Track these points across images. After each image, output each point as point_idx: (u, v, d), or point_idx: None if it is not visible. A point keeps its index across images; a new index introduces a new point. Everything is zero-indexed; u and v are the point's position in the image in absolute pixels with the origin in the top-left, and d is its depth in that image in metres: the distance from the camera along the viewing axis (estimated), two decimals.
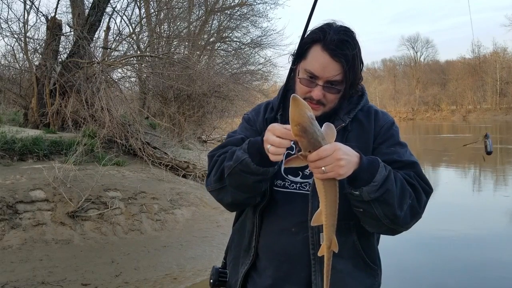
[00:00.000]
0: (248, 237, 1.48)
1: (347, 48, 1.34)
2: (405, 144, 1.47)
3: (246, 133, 1.51)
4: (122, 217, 5.65)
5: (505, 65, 61.60)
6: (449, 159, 15.90)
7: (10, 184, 5.49)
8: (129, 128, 8.08)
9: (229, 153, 1.36)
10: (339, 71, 1.35)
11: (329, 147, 1.16)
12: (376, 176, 1.23)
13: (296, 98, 1.16)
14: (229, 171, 1.32)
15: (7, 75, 10.55)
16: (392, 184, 1.26)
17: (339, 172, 1.17)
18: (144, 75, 12.02)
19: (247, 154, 1.28)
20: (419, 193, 1.33)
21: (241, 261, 1.50)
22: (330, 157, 1.15)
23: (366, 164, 1.24)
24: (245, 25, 19.39)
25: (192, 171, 8.34)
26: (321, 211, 1.23)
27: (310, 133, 1.15)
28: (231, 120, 17.85)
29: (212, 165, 1.44)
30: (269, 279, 1.43)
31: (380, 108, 1.58)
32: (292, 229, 1.39)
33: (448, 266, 5.11)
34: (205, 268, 4.84)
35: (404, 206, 1.29)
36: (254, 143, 1.30)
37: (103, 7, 9.17)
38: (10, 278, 4.08)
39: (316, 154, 1.15)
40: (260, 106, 1.61)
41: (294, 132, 1.16)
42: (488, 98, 63.03)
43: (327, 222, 1.22)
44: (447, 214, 7.19)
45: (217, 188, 1.41)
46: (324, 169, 1.16)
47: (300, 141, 1.17)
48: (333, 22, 1.40)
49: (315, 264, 1.36)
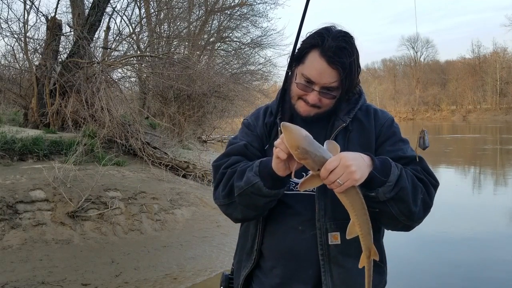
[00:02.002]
0: (251, 241, 1.48)
1: (345, 55, 1.34)
2: (406, 140, 1.48)
3: (248, 139, 1.50)
4: (122, 217, 5.65)
5: (505, 65, 61.63)
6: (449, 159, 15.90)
7: (10, 184, 5.48)
8: (129, 128, 8.07)
9: (238, 171, 1.36)
10: (336, 78, 1.36)
11: (334, 158, 1.17)
12: (390, 176, 1.25)
13: (286, 125, 1.19)
14: (240, 191, 1.33)
15: (7, 75, 10.53)
16: (405, 181, 1.28)
17: (354, 178, 1.17)
18: (144, 75, 12.02)
19: (258, 177, 1.29)
20: (428, 187, 1.36)
21: (243, 264, 1.51)
22: (339, 167, 1.16)
23: (379, 165, 1.25)
24: (245, 25, 19.42)
25: (192, 171, 8.34)
26: (353, 222, 1.22)
27: (311, 152, 1.16)
28: (231, 120, 17.87)
29: (219, 178, 1.43)
30: (276, 278, 1.43)
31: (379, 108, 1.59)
32: (299, 228, 1.40)
33: (448, 266, 5.11)
34: (205, 268, 4.84)
35: (418, 201, 1.31)
36: (265, 165, 1.30)
37: (103, 7, 9.16)
38: (10, 278, 4.08)
39: (324, 169, 1.16)
40: (259, 111, 1.61)
41: (297, 156, 1.16)
42: (488, 98, 63.04)
43: (362, 231, 1.22)
44: (447, 214, 7.18)
45: (225, 204, 1.41)
46: (339, 181, 1.16)
47: (305, 163, 1.17)
48: (332, 26, 1.40)
49: (324, 265, 1.37)
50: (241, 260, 1.53)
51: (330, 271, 1.36)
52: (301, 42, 1.43)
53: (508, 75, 61.27)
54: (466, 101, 65.60)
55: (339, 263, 1.37)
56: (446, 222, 6.63)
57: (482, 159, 16.21)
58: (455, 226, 6.71)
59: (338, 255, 1.37)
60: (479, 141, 24.15)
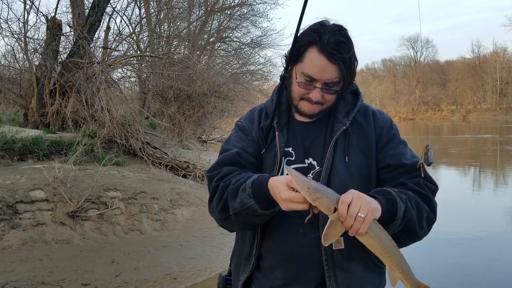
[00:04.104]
0: (249, 245, 1.46)
1: (344, 50, 1.33)
2: (405, 142, 1.48)
3: (242, 144, 1.47)
4: (122, 217, 5.65)
5: (505, 65, 61.61)
6: (449, 160, 15.90)
7: (10, 184, 5.48)
8: (129, 128, 8.07)
9: (231, 189, 1.34)
10: (337, 74, 1.35)
11: (347, 192, 1.17)
12: (397, 214, 1.25)
13: (291, 170, 1.15)
14: (235, 212, 1.32)
15: (7, 75, 10.53)
16: (411, 213, 1.29)
17: (373, 207, 1.17)
18: (144, 75, 12.02)
19: (253, 199, 1.27)
20: (430, 201, 1.37)
21: (241, 268, 1.50)
22: (355, 198, 1.15)
23: (386, 205, 1.24)
24: (245, 25, 19.43)
25: (192, 171, 8.34)
26: (390, 266, 1.18)
27: (323, 190, 1.14)
28: (231, 120, 17.85)
29: (212, 192, 1.43)
30: (278, 280, 1.42)
31: (380, 108, 1.58)
32: (300, 230, 1.38)
33: (448, 266, 5.11)
34: (205, 268, 4.84)
35: (423, 224, 1.33)
36: (259, 187, 1.27)
37: (103, 7, 9.16)
38: (10, 278, 4.08)
39: (342, 203, 1.14)
40: (253, 113, 1.56)
41: (310, 197, 1.12)
42: (488, 98, 63.03)
43: (403, 273, 1.18)
44: (447, 214, 7.18)
45: (221, 218, 1.41)
46: (362, 215, 1.13)
47: (319, 203, 1.13)
48: (325, 21, 1.38)
49: (328, 270, 1.36)
50: (239, 264, 1.51)
51: (335, 275, 1.36)
52: (296, 40, 1.40)
53: (508, 75, 61.25)
54: (466, 101, 65.59)
55: (343, 267, 1.36)
56: (446, 222, 6.63)
57: (482, 159, 16.22)
58: (455, 226, 6.71)
59: (342, 260, 1.36)
60: (480, 141, 24.16)
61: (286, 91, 1.48)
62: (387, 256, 1.17)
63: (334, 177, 1.37)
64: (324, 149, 1.41)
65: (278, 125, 1.46)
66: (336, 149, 1.40)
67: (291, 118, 1.48)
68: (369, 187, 1.38)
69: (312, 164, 1.42)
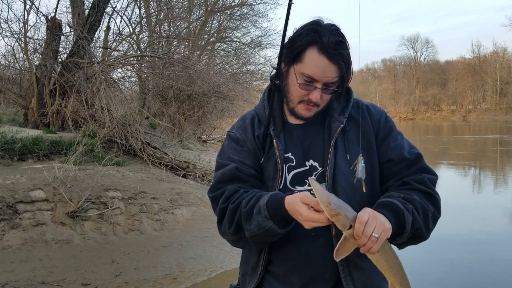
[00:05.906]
0: (257, 254, 1.44)
1: (343, 49, 1.33)
2: (401, 133, 1.49)
3: (239, 156, 1.43)
4: (122, 217, 5.65)
5: (505, 65, 61.64)
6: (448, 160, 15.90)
7: (10, 184, 5.48)
8: (129, 128, 8.07)
9: (244, 213, 1.32)
10: (337, 73, 1.35)
11: (363, 211, 1.18)
12: (406, 227, 1.27)
13: (315, 184, 1.15)
14: (253, 234, 1.31)
15: (7, 75, 10.54)
16: (419, 221, 1.30)
17: (387, 228, 1.19)
18: (144, 75, 12.03)
19: (271, 221, 1.27)
20: (435, 199, 1.38)
21: (248, 279, 1.47)
22: (371, 218, 1.16)
23: (394, 221, 1.25)
24: (245, 25, 19.46)
25: (192, 171, 8.34)
26: (392, 283, 1.21)
27: (343, 206, 1.15)
28: (231, 120, 17.84)
29: (220, 215, 1.39)
30: (294, 285, 1.40)
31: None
32: (312, 234, 1.35)
33: (449, 266, 5.11)
34: (205, 268, 4.84)
35: (429, 226, 1.35)
36: (275, 209, 1.27)
37: (103, 7, 9.16)
38: (10, 278, 4.08)
39: (359, 222, 1.15)
40: (244, 121, 1.51)
41: (329, 213, 1.12)
42: (488, 98, 63.04)
43: None
44: (448, 214, 7.19)
45: (235, 240, 1.39)
46: (376, 235, 1.15)
47: (337, 219, 1.14)
48: (320, 20, 1.36)
49: (343, 270, 1.36)
50: (246, 273, 1.49)
51: (350, 275, 1.36)
52: (293, 40, 1.38)
53: (508, 75, 61.27)
54: (466, 101, 65.59)
55: (357, 265, 1.36)
56: (447, 222, 6.62)
57: (483, 159, 16.22)
58: (455, 226, 6.71)
59: (356, 258, 1.34)
60: (480, 141, 24.16)
61: (280, 94, 1.46)
62: (391, 274, 1.20)
63: (339, 176, 1.36)
64: (324, 149, 1.40)
65: (274, 132, 1.43)
66: (337, 148, 1.39)
67: (285, 122, 1.47)
68: (372, 181, 1.39)
69: (313, 165, 1.41)
